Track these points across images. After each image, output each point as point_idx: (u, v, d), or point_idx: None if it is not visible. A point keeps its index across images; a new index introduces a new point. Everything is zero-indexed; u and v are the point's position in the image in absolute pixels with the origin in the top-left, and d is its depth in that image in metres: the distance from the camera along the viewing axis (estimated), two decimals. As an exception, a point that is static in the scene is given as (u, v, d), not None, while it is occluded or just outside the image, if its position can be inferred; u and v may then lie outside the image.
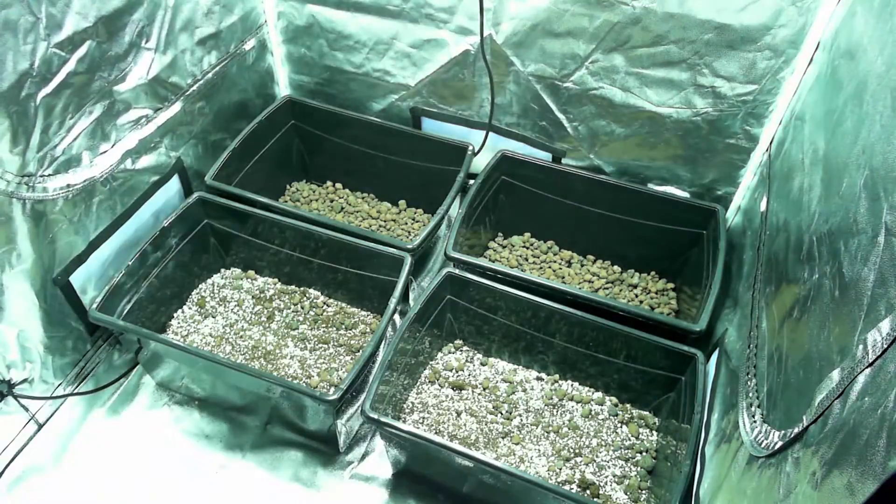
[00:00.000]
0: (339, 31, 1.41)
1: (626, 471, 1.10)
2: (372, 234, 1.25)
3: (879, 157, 0.65)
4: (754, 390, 0.86)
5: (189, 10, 1.22)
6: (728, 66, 1.15)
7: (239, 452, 1.16)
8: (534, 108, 1.36)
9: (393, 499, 1.11)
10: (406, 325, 1.10)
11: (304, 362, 1.21)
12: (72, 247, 1.12)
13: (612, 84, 1.25)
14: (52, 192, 1.04)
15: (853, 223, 0.68)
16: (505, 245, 1.44)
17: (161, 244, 1.22)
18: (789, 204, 0.94)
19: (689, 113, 1.23)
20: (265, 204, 1.28)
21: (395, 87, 1.46)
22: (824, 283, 0.72)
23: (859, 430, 0.53)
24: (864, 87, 0.76)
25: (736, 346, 1.01)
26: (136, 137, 1.19)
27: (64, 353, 1.18)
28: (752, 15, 1.08)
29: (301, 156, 1.56)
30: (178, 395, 1.23)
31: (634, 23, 1.16)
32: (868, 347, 0.57)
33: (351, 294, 1.31)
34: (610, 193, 1.33)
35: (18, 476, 1.11)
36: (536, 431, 1.14)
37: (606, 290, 1.36)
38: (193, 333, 1.25)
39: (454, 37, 1.33)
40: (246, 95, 1.47)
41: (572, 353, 1.18)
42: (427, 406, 1.17)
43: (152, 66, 1.18)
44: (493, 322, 1.21)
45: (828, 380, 0.63)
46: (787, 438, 0.69)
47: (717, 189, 1.32)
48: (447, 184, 1.32)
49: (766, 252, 1.00)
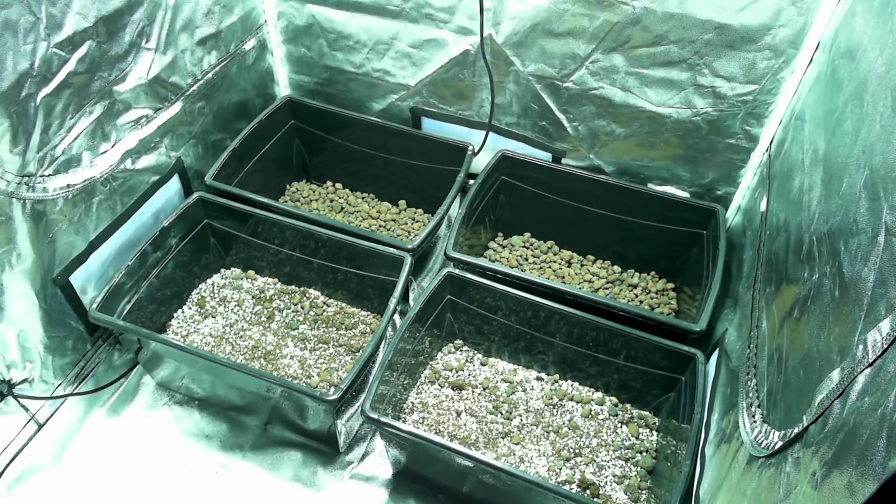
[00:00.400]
0: (339, 31, 1.41)
1: (626, 471, 1.10)
2: (372, 234, 1.25)
3: (879, 157, 0.65)
4: (754, 390, 0.86)
5: (189, 10, 1.22)
6: (728, 66, 1.15)
7: (239, 452, 1.16)
8: (534, 108, 1.36)
9: (393, 499, 1.11)
10: (406, 325, 1.10)
11: (304, 362, 1.21)
12: (72, 247, 1.12)
13: (612, 84, 1.25)
14: (52, 192, 1.04)
15: (853, 223, 0.68)
16: (505, 245, 1.44)
17: (161, 244, 1.22)
18: (789, 204, 0.94)
19: (689, 113, 1.23)
20: (265, 204, 1.28)
21: (395, 87, 1.46)
22: (824, 283, 0.72)
23: (859, 430, 0.53)
24: (864, 87, 0.76)
25: (736, 346, 1.01)
26: (136, 137, 1.19)
27: (64, 353, 1.18)
28: (752, 15, 1.08)
29: (301, 156, 1.56)
30: (178, 395, 1.23)
31: (634, 23, 1.16)
32: (868, 347, 0.57)
33: (351, 294, 1.31)
34: (610, 193, 1.33)
35: (18, 476, 1.11)
36: (536, 431, 1.14)
37: (606, 290, 1.36)
38: (193, 333, 1.25)
39: (454, 37, 1.33)
40: (246, 95, 1.47)
41: (572, 353, 1.18)
42: (427, 406, 1.17)
43: (152, 66, 1.18)
44: (493, 322, 1.21)
45: (828, 380, 0.63)
46: (787, 438, 0.69)
47: (717, 189, 1.32)
48: (447, 184, 1.32)
49: (766, 252, 1.00)
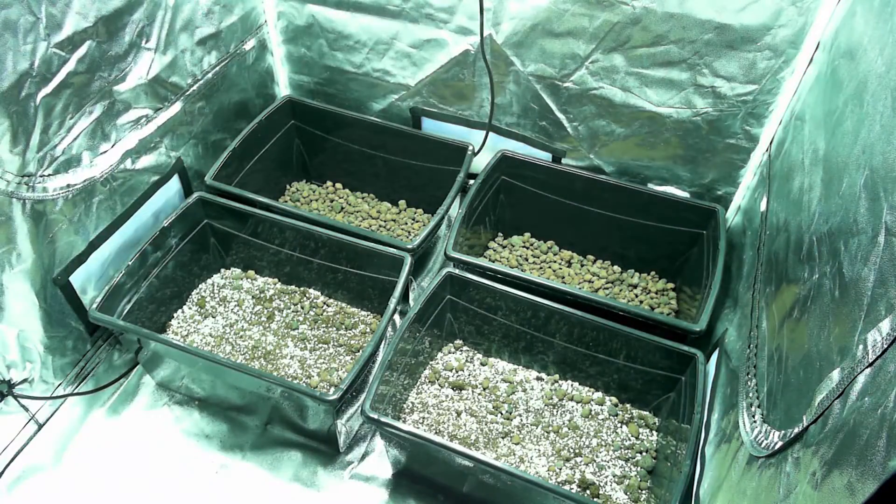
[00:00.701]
0: (339, 31, 1.41)
1: (626, 471, 1.10)
2: (372, 234, 1.25)
3: (879, 157, 0.65)
4: (754, 390, 0.86)
5: (189, 10, 1.22)
6: (728, 66, 1.15)
7: (239, 452, 1.16)
8: (534, 108, 1.36)
9: (393, 499, 1.11)
10: (406, 325, 1.10)
11: (304, 362, 1.21)
12: (72, 247, 1.12)
13: (612, 84, 1.25)
14: (52, 192, 1.04)
15: (853, 223, 0.68)
16: (505, 245, 1.44)
17: (161, 244, 1.22)
18: (789, 204, 0.94)
19: (689, 113, 1.23)
20: (265, 204, 1.28)
21: (395, 87, 1.46)
22: (824, 283, 0.72)
23: (859, 430, 0.53)
24: (864, 87, 0.76)
25: (736, 346, 1.01)
26: (136, 137, 1.19)
27: (64, 353, 1.18)
28: (752, 15, 1.08)
29: (301, 156, 1.56)
30: (178, 395, 1.23)
31: (634, 23, 1.16)
32: (868, 347, 0.56)
33: (351, 294, 1.31)
34: (610, 193, 1.33)
35: (18, 476, 1.11)
36: (536, 431, 1.14)
37: (606, 290, 1.36)
38: (193, 333, 1.25)
39: (454, 37, 1.33)
40: (246, 95, 1.47)
41: (572, 353, 1.18)
42: (427, 406, 1.17)
43: (152, 66, 1.18)
44: (493, 322, 1.21)
45: (828, 380, 0.63)
46: (787, 438, 0.69)
47: (717, 189, 1.32)
48: (447, 184, 1.32)
49: (766, 252, 1.00)
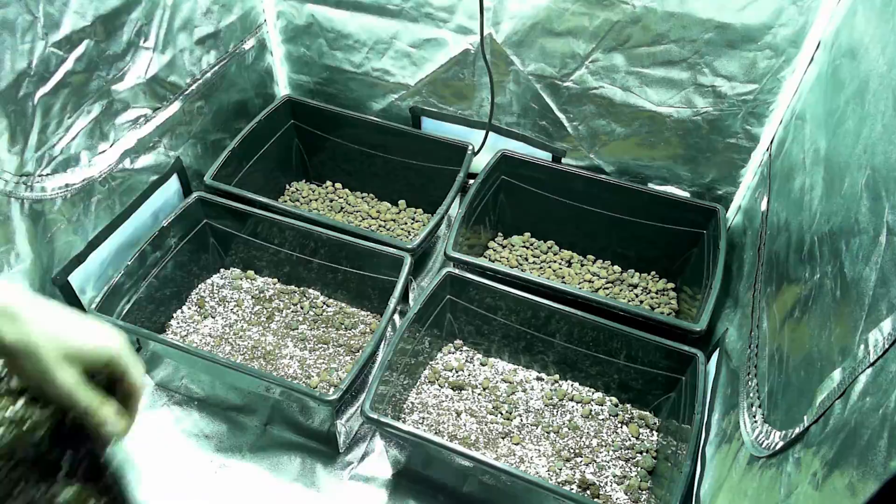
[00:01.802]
0: (339, 31, 1.41)
1: (627, 471, 1.10)
2: (372, 234, 1.24)
3: (881, 156, 0.65)
4: (755, 390, 0.86)
5: (188, 9, 1.22)
6: (728, 66, 1.15)
7: (239, 453, 1.16)
8: (534, 107, 1.36)
9: (393, 499, 1.11)
10: (406, 325, 1.10)
11: (304, 362, 1.21)
12: (70, 246, 1.12)
13: (612, 83, 1.25)
14: (50, 191, 1.04)
15: (854, 223, 0.67)
16: (505, 245, 1.44)
17: (160, 244, 1.22)
18: (790, 203, 0.94)
19: (689, 112, 1.23)
20: (265, 204, 1.27)
21: (394, 87, 1.45)
22: (825, 283, 0.72)
23: (860, 431, 0.53)
24: (865, 86, 0.75)
25: (736, 346, 1.01)
26: (135, 137, 1.19)
27: (63, 354, 1.18)
28: (752, 14, 1.08)
29: (301, 156, 1.56)
30: (178, 395, 1.22)
31: (634, 22, 1.16)
32: (869, 347, 0.56)
33: (351, 294, 1.31)
34: (610, 193, 1.32)
35: (17, 476, 1.11)
36: (536, 432, 1.14)
37: (606, 290, 1.36)
38: (193, 333, 1.25)
39: (454, 36, 1.32)
40: (245, 95, 1.47)
41: (572, 353, 1.18)
42: (427, 406, 1.16)
43: (151, 66, 1.17)
44: (493, 322, 1.21)
45: (829, 380, 0.63)
46: (788, 439, 0.69)
47: (717, 189, 1.32)
48: (447, 184, 1.32)
49: (767, 252, 1.00)
